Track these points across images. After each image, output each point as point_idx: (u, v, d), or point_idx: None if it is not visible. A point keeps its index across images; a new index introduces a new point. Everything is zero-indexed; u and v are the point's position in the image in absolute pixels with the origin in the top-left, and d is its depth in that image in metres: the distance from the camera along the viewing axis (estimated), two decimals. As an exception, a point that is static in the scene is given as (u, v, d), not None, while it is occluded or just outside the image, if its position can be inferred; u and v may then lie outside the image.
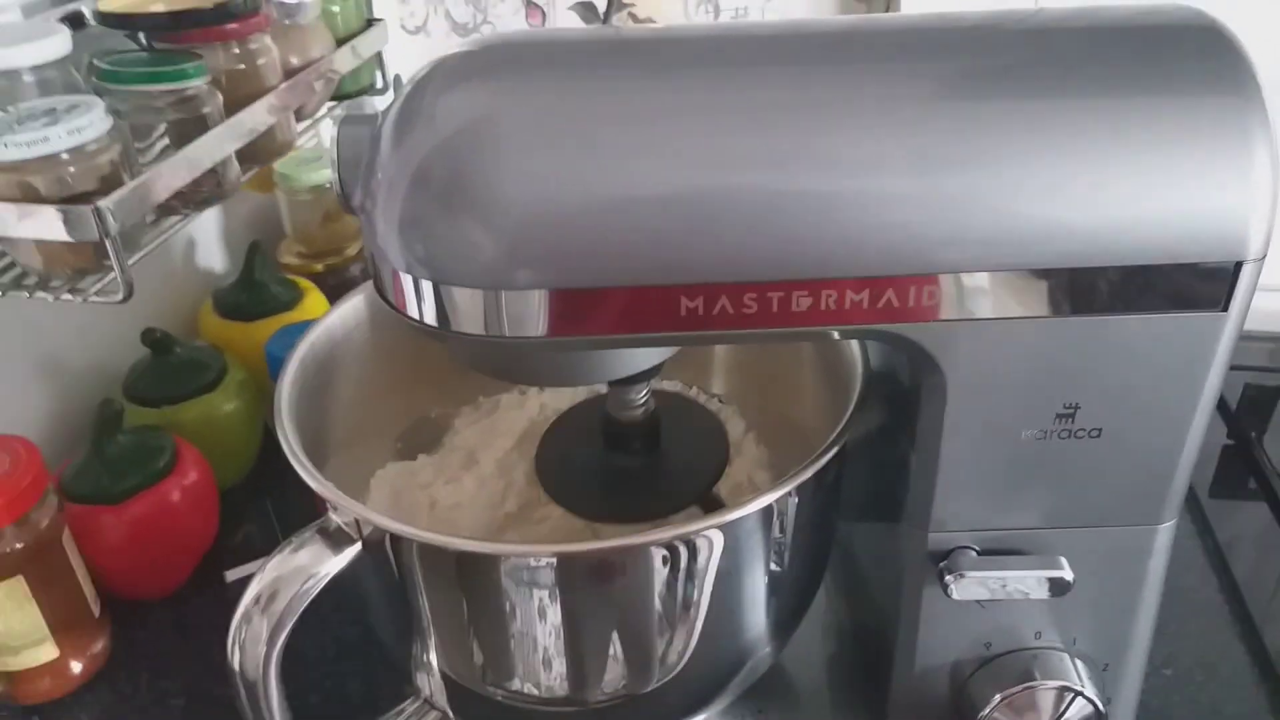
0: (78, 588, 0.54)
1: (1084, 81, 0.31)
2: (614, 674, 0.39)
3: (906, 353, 0.35)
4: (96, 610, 0.55)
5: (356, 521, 0.35)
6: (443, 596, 0.37)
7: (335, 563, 0.35)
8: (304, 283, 0.73)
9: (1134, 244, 0.32)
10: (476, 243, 0.32)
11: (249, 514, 0.66)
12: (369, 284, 0.41)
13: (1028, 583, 0.38)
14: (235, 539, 0.64)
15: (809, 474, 0.36)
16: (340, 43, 0.68)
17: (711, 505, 0.43)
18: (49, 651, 0.52)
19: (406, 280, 0.33)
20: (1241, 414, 0.70)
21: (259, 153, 0.56)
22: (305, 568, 0.34)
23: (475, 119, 0.32)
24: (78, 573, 0.54)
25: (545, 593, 0.36)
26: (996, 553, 0.38)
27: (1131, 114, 0.31)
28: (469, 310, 0.33)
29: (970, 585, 0.38)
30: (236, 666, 0.35)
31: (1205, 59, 0.32)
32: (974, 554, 0.38)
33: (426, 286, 0.33)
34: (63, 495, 0.55)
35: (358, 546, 0.35)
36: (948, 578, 0.38)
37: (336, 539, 0.35)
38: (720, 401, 0.53)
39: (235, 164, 0.54)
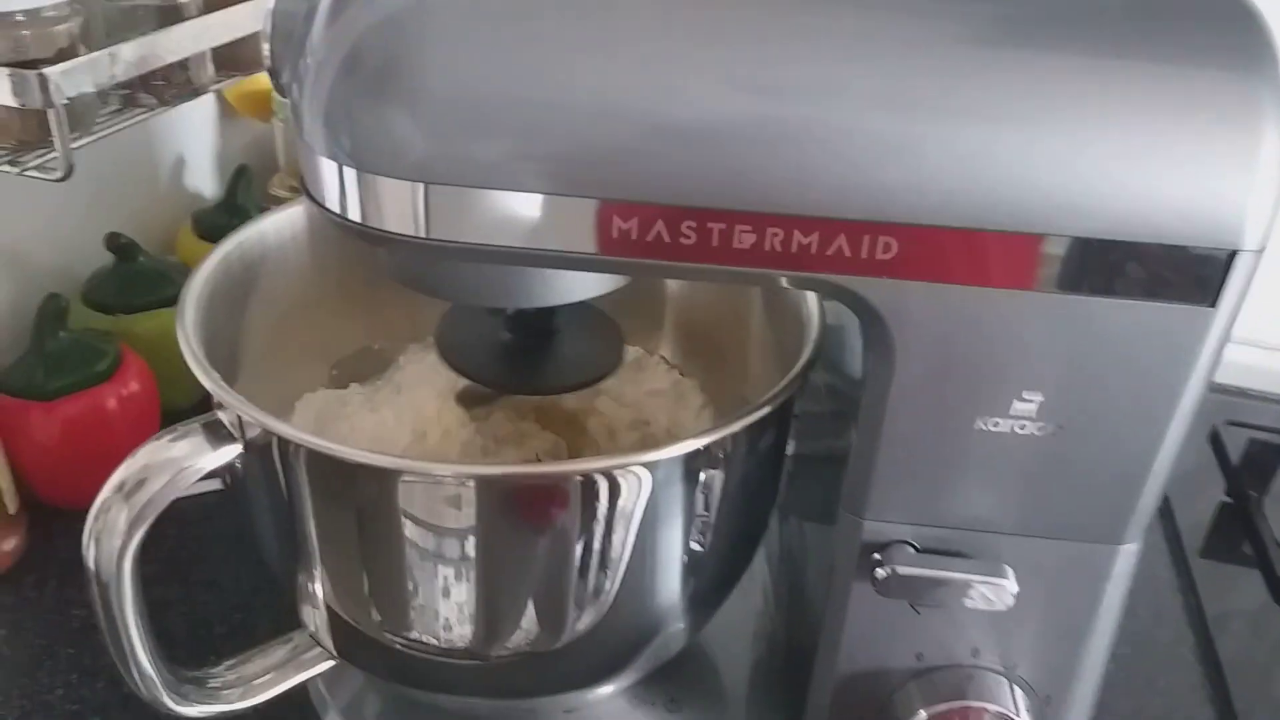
0: (-8, 481, 0.51)
1: (1087, 38, 0.28)
2: (514, 624, 0.36)
3: (856, 311, 0.32)
4: (13, 508, 0.53)
5: (240, 419, 0.33)
6: (330, 517, 0.34)
7: (211, 459, 0.32)
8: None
9: (1118, 216, 0.28)
10: (402, 130, 0.29)
11: None
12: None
13: (966, 589, 0.35)
14: (171, 459, 0.61)
15: (745, 423, 0.33)
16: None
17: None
18: (-48, 541, 0.50)
19: (329, 168, 0.31)
20: (1243, 470, 0.66)
21: (240, 60, 0.54)
22: (178, 460, 0.32)
23: (414, 3, 0.29)
24: (-6, 465, 0.51)
25: (444, 521, 0.33)
26: (937, 552, 0.35)
27: (1132, 76, 0.28)
28: (392, 205, 0.30)
29: (903, 583, 0.34)
30: (91, 563, 0.32)
31: (1224, 31, 0.29)
32: (911, 550, 0.35)
33: (350, 176, 0.31)
34: (-6, 386, 0.54)
35: (238, 447, 0.33)
36: (879, 571, 0.35)
37: (218, 435, 0.33)
38: (681, 375, 0.50)
39: (210, 65, 0.51)
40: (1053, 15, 0.29)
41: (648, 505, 0.34)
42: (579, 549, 0.35)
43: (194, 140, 0.74)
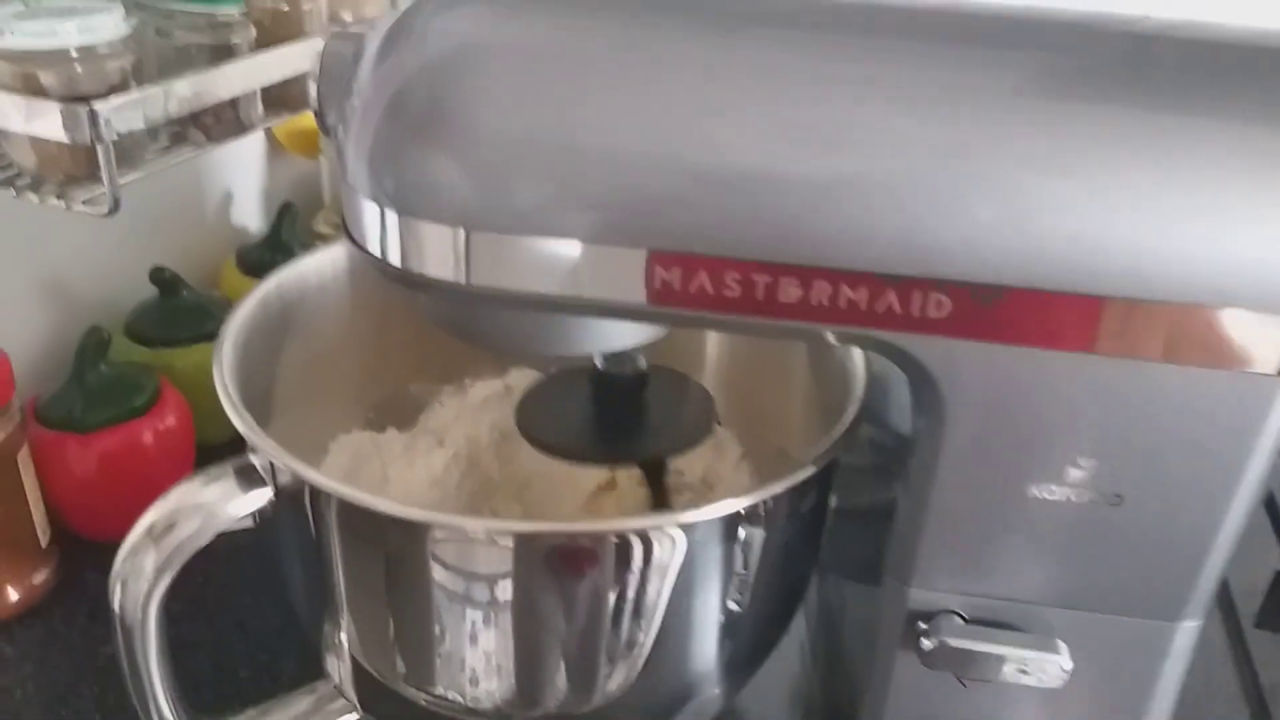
0: (26, 512, 0.51)
1: (1174, 95, 0.27)
2: (545, 683, 0.35)
3: (906, 370, 0.30)
4: (44, 540, 0.53)
5: (272, 465, 0.32)
6: (359, 568, 0.34)
7: (242, 504, 0.32)
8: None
9: (1184, 279, 0.27)
10: (446, 175, 0.29)
11: None
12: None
13: (1018, 664, 0.33)
14: (205, 495, 0.61)
15: (786, 484, 0.32)
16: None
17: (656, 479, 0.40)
18: (-17, 573, 0.50)
19: (371, 211, 0.31)
20: (1304, 539, 0.64)
21: (288, 99, 0.54)
22: (208, 504, 0.31)
23: (466, 45, 0.29)
24: (29, 496, 0.51)
25: (476, 576, 0.32)
26: (986, 624, 0.33)
27: (1199, 134, 0.27)
28: (433, 250, 0.30)
29: (951, 655, 0.33)
30: (116, 606, 0.31)
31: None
32: (960, 620, 0.33)
33: (392, 219, 0.30)
34: (34, 418, 0.54)
35: (268, 492, 0.32)
36: (925, 642, 0.33)
37: (250, 480, 0.32)
38: (718, 423, 0.49)
39: (259, 104, 0.52)
40: (1112, 69, 0.28)
41: (684, 566, 0.33)
42: (612, 609, 0.34)
43: (241, 176, 0.75)
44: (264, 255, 0.69)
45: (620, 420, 0.40)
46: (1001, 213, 0.27)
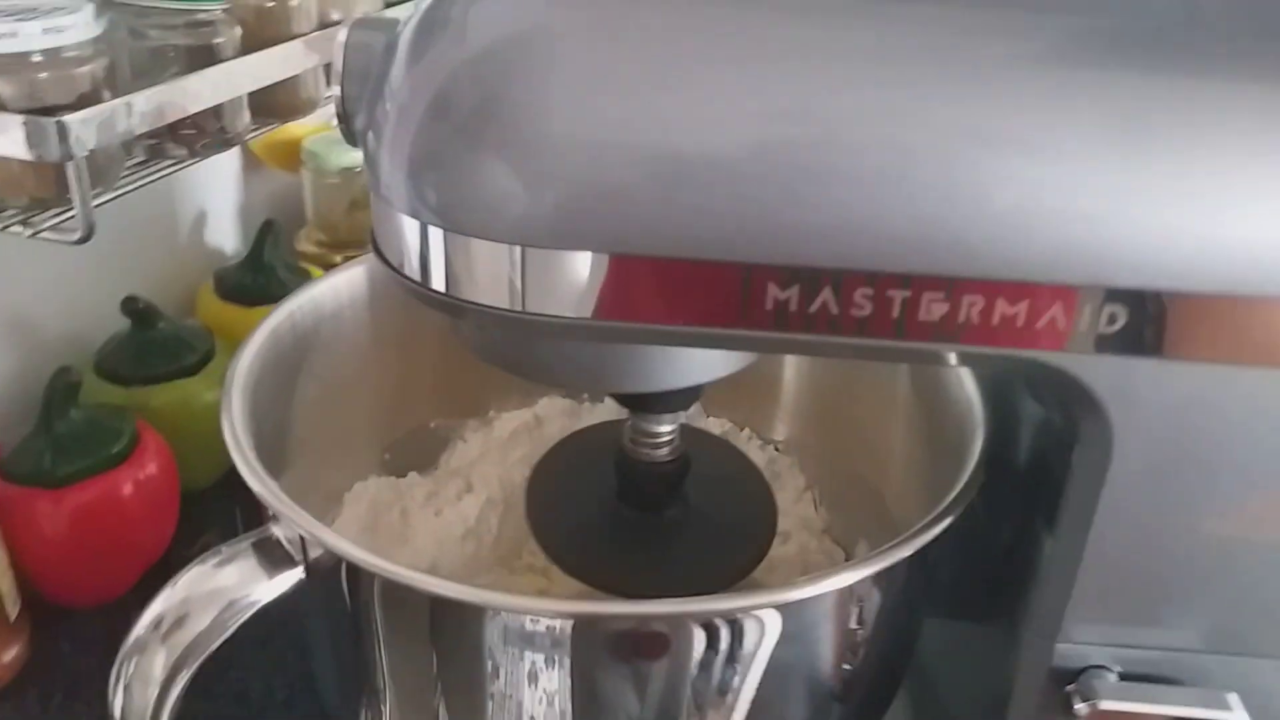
0: (-7, 582, 0.45)
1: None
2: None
3: (1061, 395, 0.26)
4: (14, 612, 0.47)
5: (302, 539, 0.27)
6: (404, 652, 0.28)
7: (268, 589, 0.26)
8: (318, 273, 0.66)
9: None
10: (506, 183, 0.24)
11: (213, 523, 0.57)
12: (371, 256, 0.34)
13: (1184, 726, 0.28)
14: (192, 549, 0.55)
15: (905, 554, 0.27)
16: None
17: None
18: (-54, 654, 0.44)
19: (411, 228, 0.26)
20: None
21: (278, 106, 0.49)
22: (227, 590, 0.26)
23: (520, 31, 0.24)
24: (-4, 564, 0.45)
25: (540, 663, 0.27)
26: (1144, 678, 0.29)
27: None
28: (486, 273, 0.25)
29: (1106, 718, 0.28)
30: (118, 714, 0.26)
31: None
32: (1113, 678, 0.29)
33: (436, 237, 0.25)
34: (-3, 472, 0.48)
35: (299, 572, 0.27)
36: (1078, 706, 0.28)
37: (274, 558, 0.27)
38: (777, 449, 0.44)
39: (245, 111, 0.46)
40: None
41: (777, 646, 0.28)
42: (688, 700, 0.28)
43: (216, 193, 0.69)
44: (244, 278, 0.64)
45: (658, 528, 0.34)
46: (1188, 210, 0.23)
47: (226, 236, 0.71)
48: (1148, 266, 0.23)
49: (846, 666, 0.30)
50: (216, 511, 0.57)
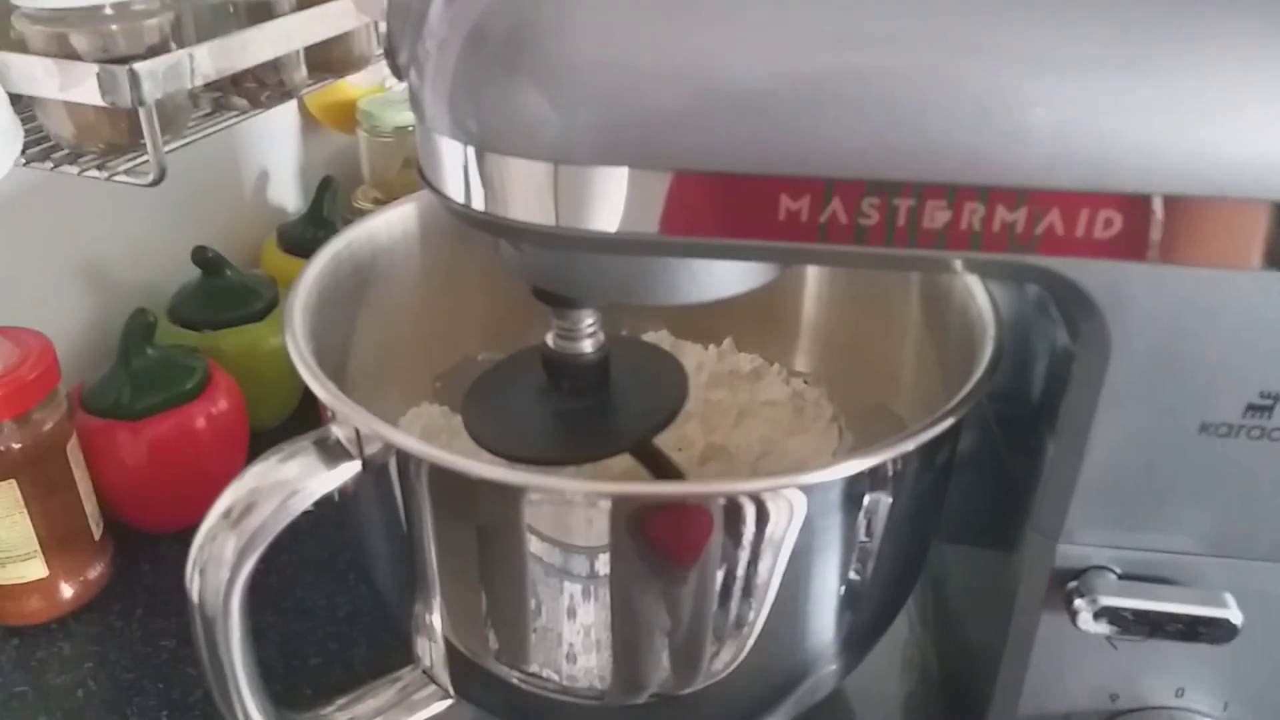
0: (78, 504, 0.49)
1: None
2: (651, 665, 0.32)
3: (1061, 301, 0.27)
4: (98, 533, 0.51)
5: (358, 433, 0.29)
6: (453, 542, 0.31)
7: (327, 480, 0.29)
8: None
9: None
10: (539, 105, 0.26)
11: None
12: (425, 191, 0.36)
13: (1181, 622, 0.30)
14: (260, 482, 0.58)
15: (916, 443, 0.29)
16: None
17: (652, 459, 0.37)
18: (37, 569, 0.48)
19: (453, 151, 0.28)
20: None
21: (333, 62, 0.52)
22: (289, 481, 0.29)
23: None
24: (80, 488, 0.49)
25: (572, 546, 0.29)
26: (1142, 578, 0.30)
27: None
28: (522, 191, 0.27)
29: (1107, 615, 0.30)
30: (195, 596, 0.29)
31: None
32: (1113, 577, 0.30)
33: (475, 158, 0.27)
34: (80, 406, 0.51)
35: (356, 465, 0.29)
36: (1078, 602, 0.30)
37: (334, 453, 0.29)
38: (805, 382, 0.46)
39: (302, 66, 0.49)
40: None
41: (801, 532, 0.30)
42: (720, 580, 0.31)
43: (277, 153, 0.73)
44: (305, 232, 0.67)
45: (585, 408, 0.36)
46: (1178, 112, 0.24)
47: (288, 194, 0.74)
48: (1141, 171, 0.24)
49: (859, 561, 0.32)
50: (281, 449, 0.61)
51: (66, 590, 0.49)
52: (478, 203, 0.28)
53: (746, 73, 0.25)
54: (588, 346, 0.35)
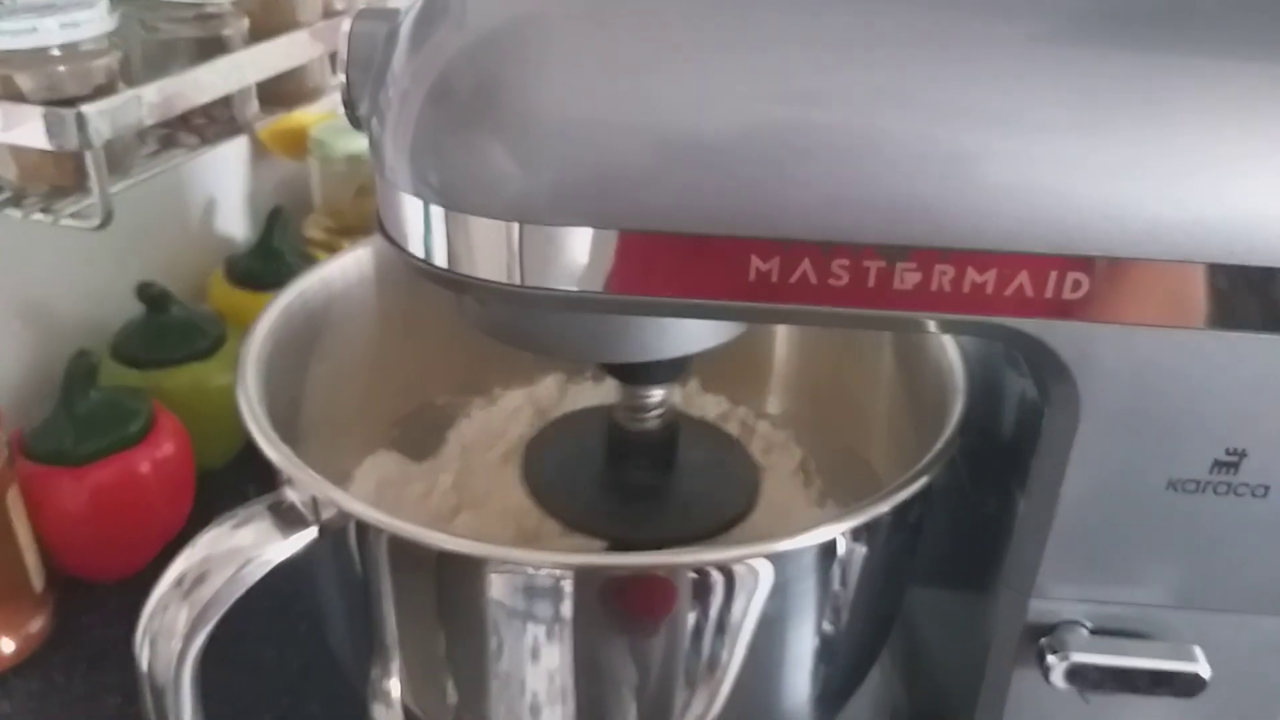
0: (18, 556, 0.47)
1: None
2: (613, 730, 0.32)
3: (1031, 361, 0.27)
4: (39, 585, 0.49)
5: (314, 500, 0.28)
6: (414, 610, 0.30)
7: (282, 548, 0.28)
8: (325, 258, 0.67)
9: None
10: (503, 163, 0.25)
11: (228, 502, 0.57)
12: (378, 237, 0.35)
13: (1151, 676, 0.30)
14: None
15: (889, 505, 0.29)
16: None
17: None
18: (-26, 625, 0.46)
19: (414, 207, 0.27)
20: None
21: (285, 95, 0.51)
22: (243, 549, 0.27)
23: (513, 19, 0.25)
24: (20, 539, 0.47)
25: (545, 616, 0.29)
26: (1113, 633, 0.30)
27: None
28: (485, 249, 0.26)
29: (1078, 671, 0.30)
30: (145, 666, 0.28)
31: None
32: (1085, 632, 0.30)
33: (437, 215, 0.27)
34: (20, 452, 0.49)
35: (313, 531, 0.28)
36: (1050, 658, 0.30)
37: (289, 519, 0.28)
38: (772, 426, 0.46)
39: (254, 100, 0.48)
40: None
41: (770, 598, 0.30)
42: (686, 648, 0.30)
43: (225, 181, 0.71)
44: (254, 264, 0.65)
45: (645, 486, 0.36)
46: (1147, 179, 0.24)
47: (236, 224, 0.73)
48: (1107, 235, 0.24)
49: (831, 623, 0.31)
50: (230, 490, 0.59)
51: (6, 645, 0.47)
52: (439, 259, 0.27)
53: (714, 131, 0.25)
54: (655, 424, 0.35)
